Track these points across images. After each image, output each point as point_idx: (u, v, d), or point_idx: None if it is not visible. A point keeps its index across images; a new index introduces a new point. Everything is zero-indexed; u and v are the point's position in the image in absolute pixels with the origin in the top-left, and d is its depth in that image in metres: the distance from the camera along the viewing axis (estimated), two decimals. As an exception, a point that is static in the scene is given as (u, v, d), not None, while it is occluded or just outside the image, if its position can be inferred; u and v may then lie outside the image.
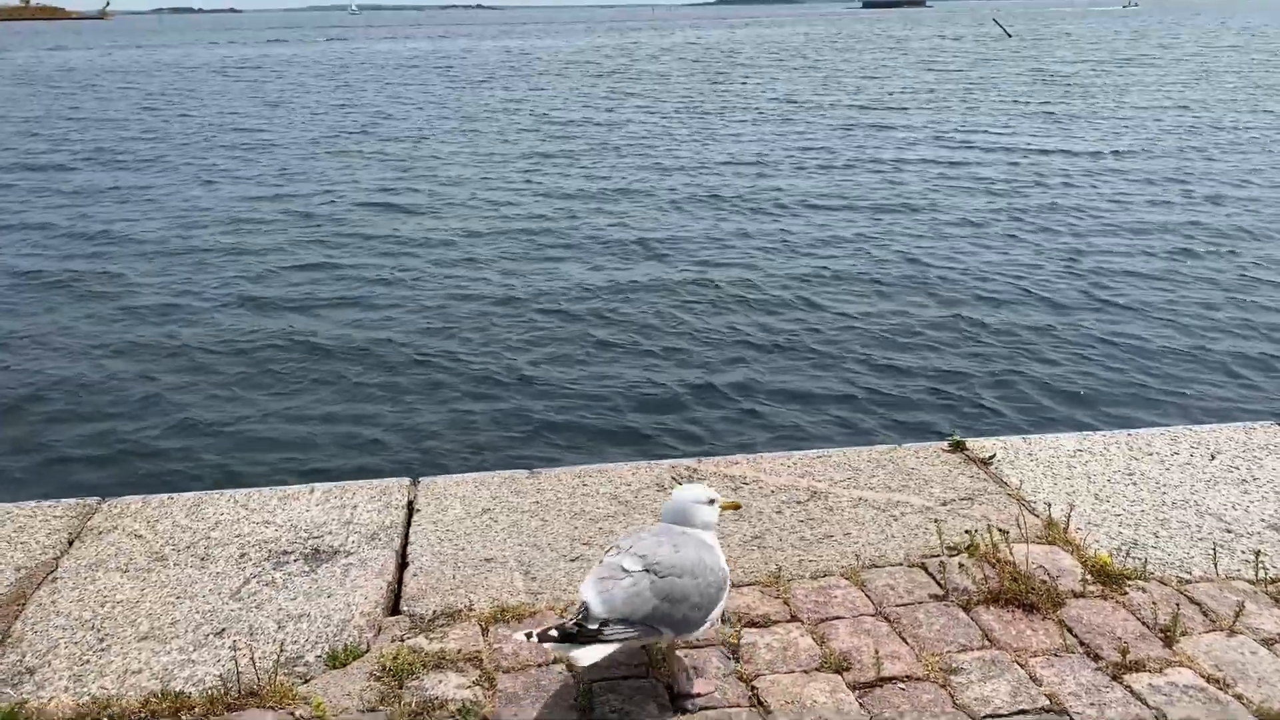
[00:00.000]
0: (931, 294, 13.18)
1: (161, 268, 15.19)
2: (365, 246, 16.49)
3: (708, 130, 31.80)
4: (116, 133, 33.40)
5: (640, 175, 23.07)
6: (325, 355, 11.26)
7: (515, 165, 25.31)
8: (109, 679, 3.88)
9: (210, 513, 5.17)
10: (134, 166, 26.37)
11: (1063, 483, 5.34)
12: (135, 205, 20.36)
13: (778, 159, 25.13)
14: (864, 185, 21.21)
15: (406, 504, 5.24)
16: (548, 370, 10.67)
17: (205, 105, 43.31)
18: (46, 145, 31.53)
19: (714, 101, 41.20)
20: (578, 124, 34.94)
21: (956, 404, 9.57)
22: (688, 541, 3.65)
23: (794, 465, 5.62)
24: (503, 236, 17.15)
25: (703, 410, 9.43)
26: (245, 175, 24.13)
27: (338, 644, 4.06)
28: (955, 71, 54.73)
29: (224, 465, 8.62)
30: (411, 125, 34.36)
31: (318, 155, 26.88)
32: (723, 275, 14.16)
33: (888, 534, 4.86)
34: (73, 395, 10.31)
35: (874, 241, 15.99)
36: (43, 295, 13.94)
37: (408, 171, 24.28)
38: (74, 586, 4.50)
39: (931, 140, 27.83)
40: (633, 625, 3.44)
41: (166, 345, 11.72)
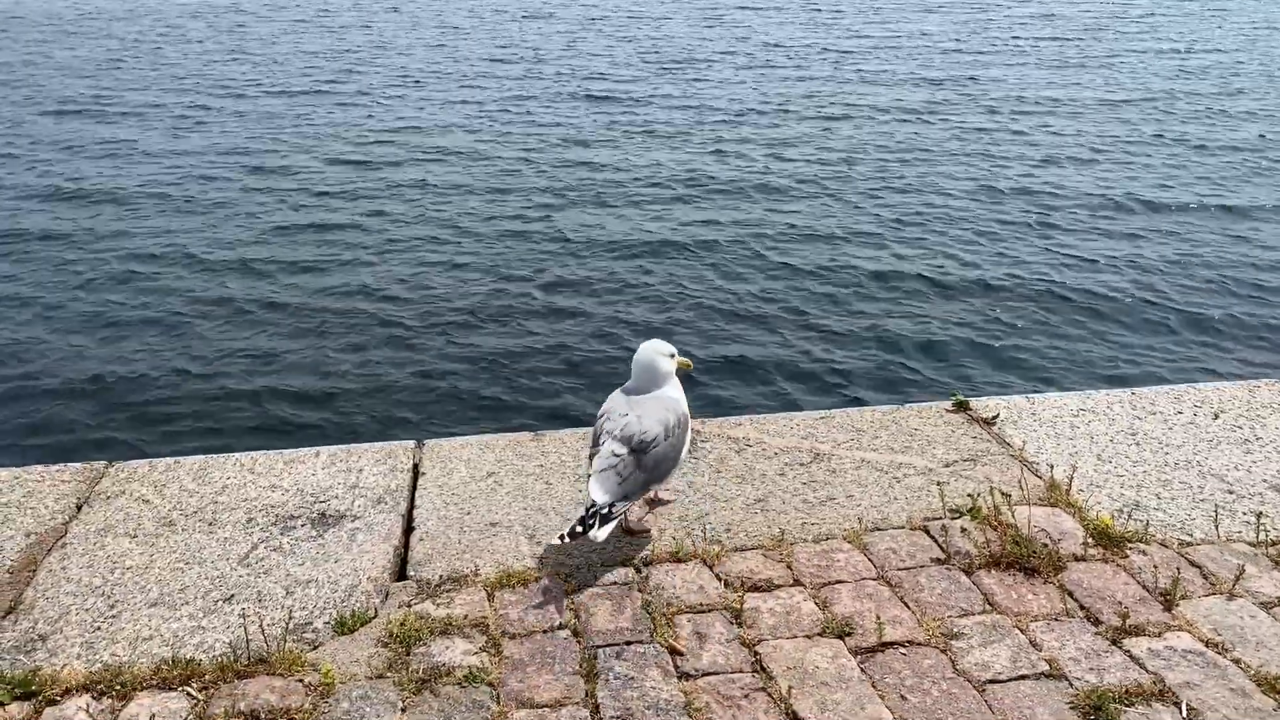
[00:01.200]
0: (937, 254, 13.05)
1: (161, 228, 15.03)
2: (370, 205, 16.27)
3: (702, 80, 31.09)
4: (98, 84, 32.82)
5: (628, 134, 22.33)
6: (331, 318, 11.19)
7: (517, 125, 24.78)
8: (120, 646, 3.94)
9: (217, 477, 5.20)
10: (122, 119, 25.90)
11: (1065, 443, 5.35)
12: (126, 162, 20.02)
13: (772, 111, 24.47)
14: (864, 141, 20.81)
15: (412, 467, 5.27)
16: (553, 332, 10.63)
17: (187, 56, 42.76)
18: (21, 97, 31.20)
19: (700, 50, 40.45)
20: (568, 77, 34.31)
21: (962, 364, 9.56)
22: (654, 408, 4.46)
23: (797, 427, 5.63)
24: (509, 195, 16.95)
25: (706, 374, 9.39)
26: (241, 129, 23.65)
27: (345, 610, 4.11)
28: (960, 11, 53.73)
29: (229, 429, 8.66)
30: (405, 75, 33.73)
31: (316, 108, 26.38)
32: (723, 239, 13.96)
33: (890, 496, 4.89)
34: (75, 360, 10.29)
35: (875, 200, 15.77)
36: (39, 259, 13.79)
37: (409, 128, 23.83)
38: (84, 552, 4.55)
39: (930, 90, 27.22)
40: (629, 496, 4.29)
41: (170, 309, 11.63)
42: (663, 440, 4.37)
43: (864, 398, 8.78)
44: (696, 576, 4.26)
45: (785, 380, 9.29)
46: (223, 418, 8.87)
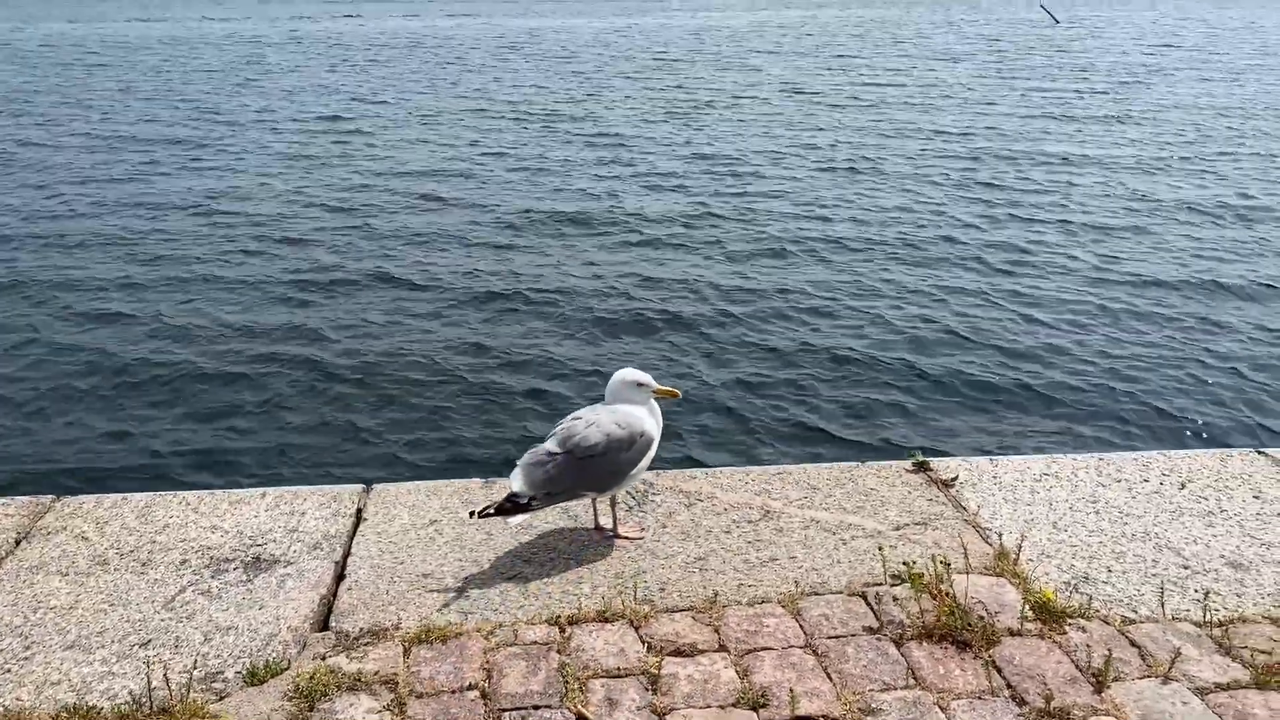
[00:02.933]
0: (909, 306, 12.86)
1: (122, 268, 14.91)
2: (333, 247, 15.94)
3: (696, 123, 30.89)
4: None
5: (600, 180, 21.95)
6: (296, 360, 11.07)
7: (473, 160, 24.38)
8: (26, 690, 3.89)
9: (160, 515, 5.18)
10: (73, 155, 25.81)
11: (1022, 509, 5.22)
12: (78, 201, 19.98)
13: (760, 160, 24.07)
14: (849, 191, 20.46)
15: (355, 512, 5.22)
16: (519, 380, 10.54)
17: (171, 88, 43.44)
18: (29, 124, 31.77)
19: (706, 91, 40.49)
20: (550, 113, 34.37)
21: (928, 421, 9.36)
22: (606, 420, 4.68)
23: (752, 482, 5.53)
24: (478, 238, 16.79)
25: (667, 424, 9.23)
26: (207, 166, 23.31)
27: (260, 660, 4.05)
28: (982, 63, 53.66)
29: (187, 466, 8.60)
30: (388, 111, 33.84)
31: (273, 148, 25.95)
32: (693, 288, 13.75)
33: (834, 559, 4.78)
34: (37, 393, 10.29)
35: (852, 250, 15.41)
36: (9, 296, 13.80)
37: (370, 168, 23.60)
38: (11, 590, 4.52)
39: (933, 140, 26.84)
40: (554, 495, 4.63)
41: (136, 347, 11.45)
42: (602, 450, 4.61)
43: (828, 452, 8.63)
44: (620, 638, 4.16)
45: (748, 431, 9.13)
46: (180, 455, 8.82)
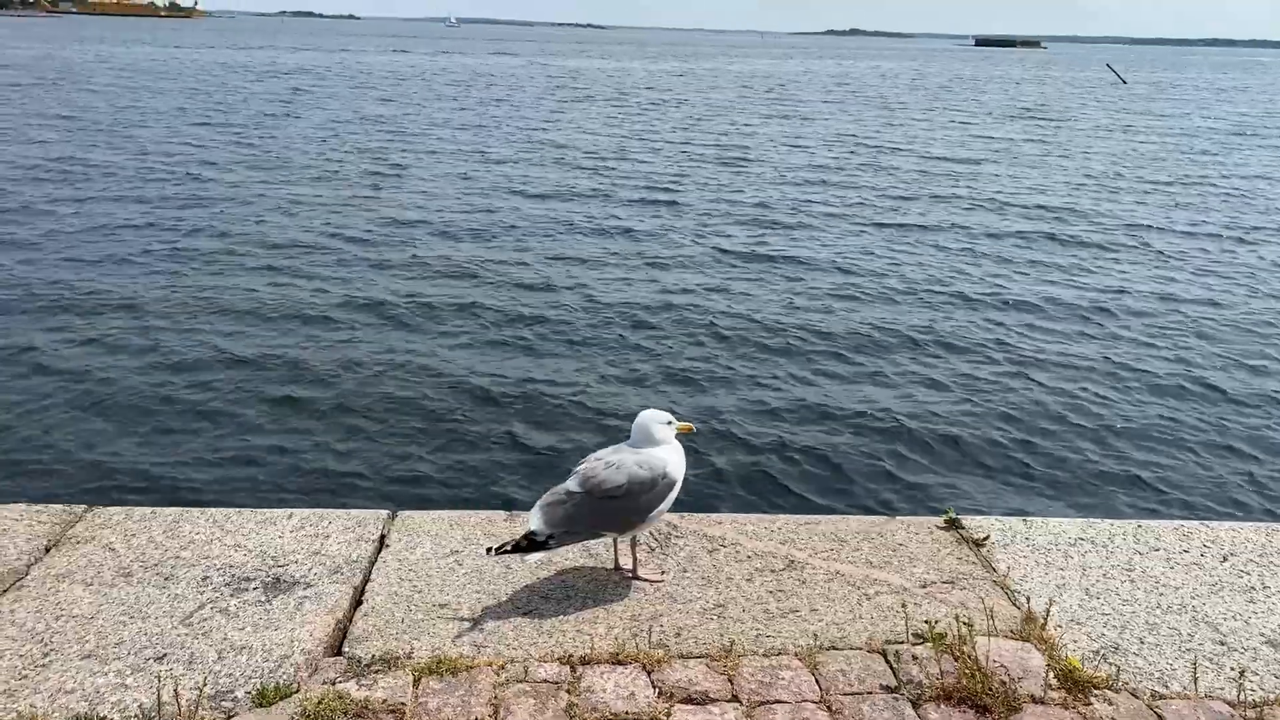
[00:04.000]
0: (951, 361, 12.74)
1: (177, 285, 15.36)
2: (375, 276, 16.33)
3: (739, 169, 31.04)
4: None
5: (641, 220, 22.12)
6: (334, 384, 11.34)
7: (514, 200, 24.67)
8: (41, 696, 3.92)
9: (187, 531, 5.22)
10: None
11: (1054, 573, 5.09)
12: (144, 218, 20.49)
13: (802, 208, 24.01)
14: (893, 242, 20.43)
15: (378, 538, 5.23)
16: (552, 416, 10.61)
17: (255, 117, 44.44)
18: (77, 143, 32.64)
19: (758, 137, 40.68)
20: (594, 154, 34.60)
21: (963, 478, 9.22)
22: (629, 461, 4.64)
23: (777, 530, 5.46)
24: (516, 271, 17.00)
25: (695, 465, 9.23)
26: (252, 192, 23.87)
27: (270, 681, 4.05)
28: (1043, 121, 53.28)
29: (219, 483, 8.75)
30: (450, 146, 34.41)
31: (315, 178, 26.55)
32: (734, 327, 13.84)
33: (856, 614, 4.68)
34: (83, 405, 10.56)
35: (900, 304, 15.49)
36: (61, 308, 14.16)
37: (433, 201, 24.12)
38: (36, 596, 4.58)
39: (980, 196, 26.74)
40: (573, 534, 4.60)
41: (189, 360, 11.90)
42: (623, 492, 4.57)
43: (860, 504, 8.51)
44: (631, 682, 4.10)
45: (778, 478, 9.06)
46: (219, 470, 8.98)
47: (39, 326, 13.22)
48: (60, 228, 19.29)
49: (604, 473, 4.65)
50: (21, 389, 10.92)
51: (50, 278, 15.65)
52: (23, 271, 15.96)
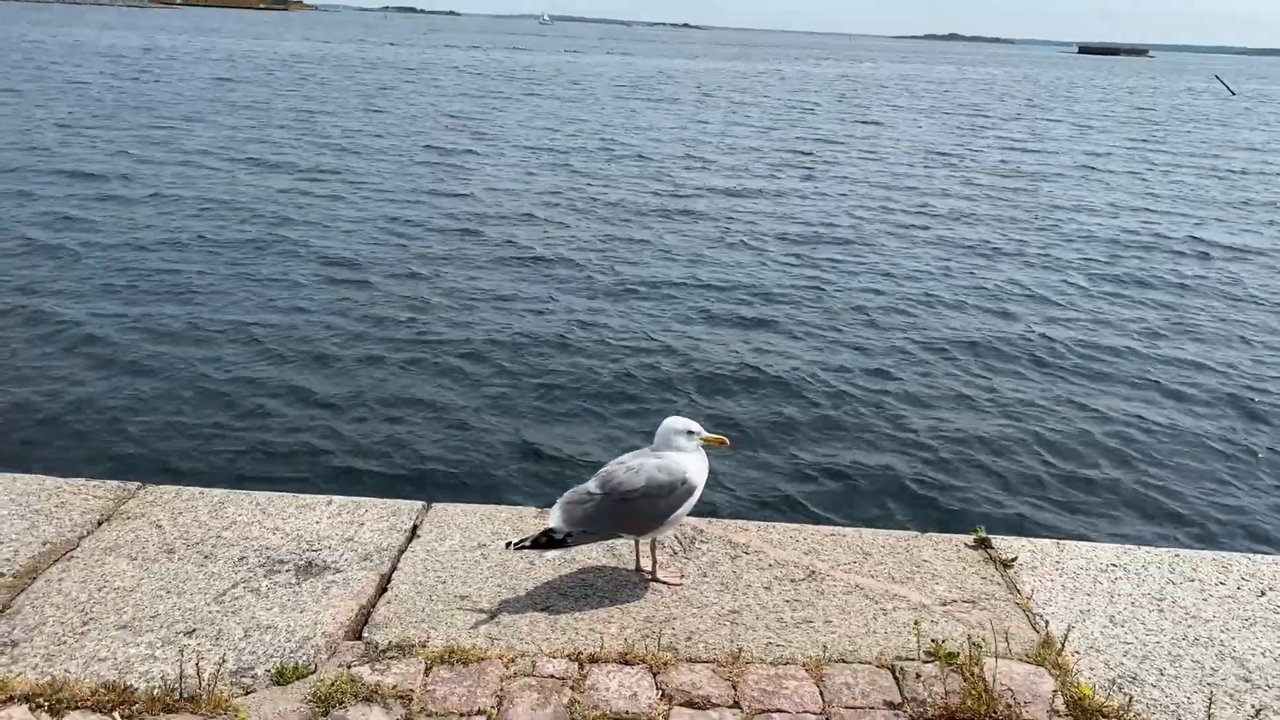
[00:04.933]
0: (992, 379, 12.48)
1: (249, 271, 15.89)
2: (430, 274, 16.69)
3: (809, 177, 30.54)
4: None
5: (692, 224, 22.10)
6: (385, 375, 11.70)
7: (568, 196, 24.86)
8: (76, 662, 4.15)
9: (231, 512, 5.45)
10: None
11: (1080, 598, 5.02)
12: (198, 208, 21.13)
13: (863, 218, 23.69)
14: (951, 256, 20.04)
15: (411, 528, 5.39)
16: (601, 413, 10.76)
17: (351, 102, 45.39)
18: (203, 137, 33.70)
19: (830, 142, 40.19)
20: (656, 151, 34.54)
21: (999, 497, 9.06)
22: (649, 465, 4.71)
23: (803, 540, 5.48)
24: (567, 270, 17.16)
25: (729, 473, 9.29)
26: (312, 188, 24.36)
27: (290, 661, 4.22)
28: (1147, 133, 51.63)
29: (270, 466, 9.07)
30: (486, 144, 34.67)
31: (379, 174, 26.79)
32: (780, 336, 13.79)
33: (871, 628, 4.68)
34: (147, 387, 11.09)
35: (948, 319, 15.22)
36: (134, 293, 14.80)
37: (489, 196, 24.43)
38: (84, 567, 4.83)
39: (1049, 212, 25.84)
40: (591, 534, 4.72)
41: (251, 351, 12.38)
42: (640, 494, 4.65)
43: (891, 518, 8.42)
44: (636, 682, 4.18)
45: (811, 488, 9.02)
46: (272, 453, 9.33)
47: (118, 314, 13.84)
48: (131, 216, 20.06)
49: (623, 475, 4.74)
50: (97, 371, 11.48)
51: (123, 265, 16.35)
52: (98, 258, 16.69)
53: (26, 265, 16.12)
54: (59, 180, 23.96)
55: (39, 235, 18.03)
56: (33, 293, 14.57)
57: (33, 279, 15.29)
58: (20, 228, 18.60)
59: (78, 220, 19.67)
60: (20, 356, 11.88)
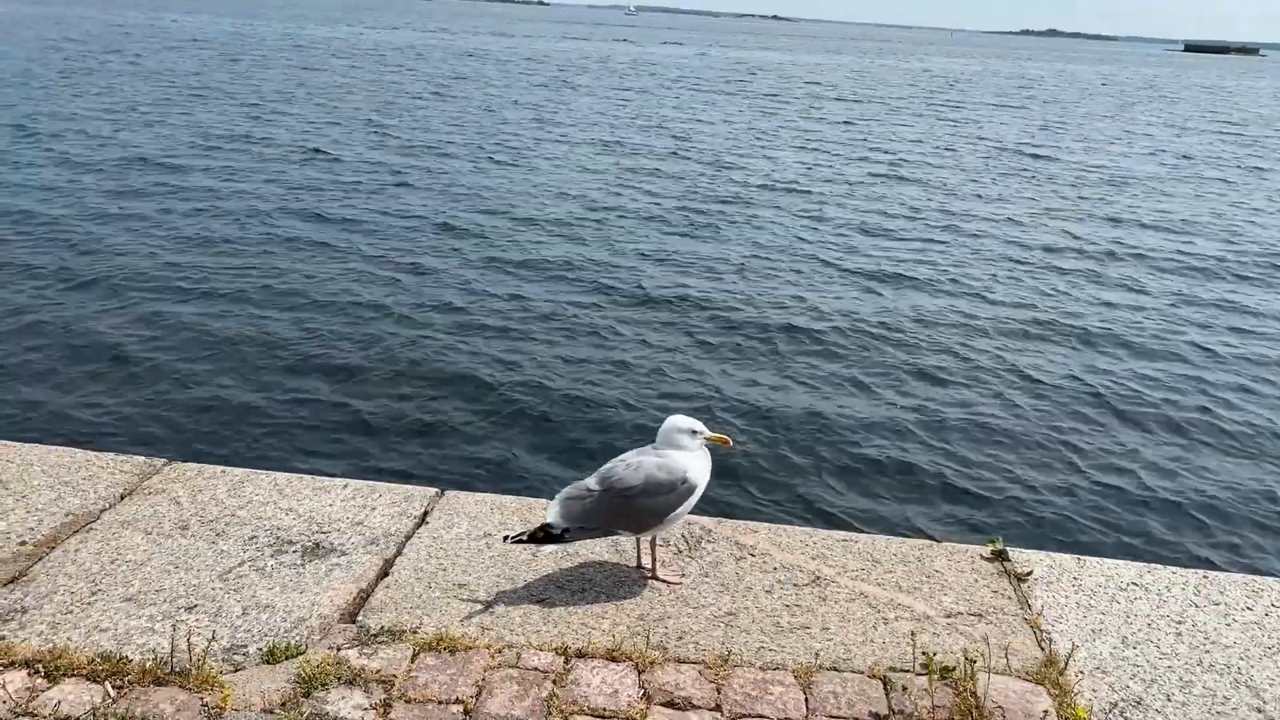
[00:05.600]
0: (1021, 387, 12.11)
1: (267, 263, 16.19)
2: (465, 267, 16.81)
3: (878, 176, 29.88)
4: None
5: (741, 220, 21.82)
6: (417, 362, 11.97)
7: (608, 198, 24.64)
8: (79, 631, 4.28)
9: (249, 491, 5.56)
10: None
11: (1094, 616, 4.86)
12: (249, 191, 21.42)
13: (921, 220, 23.14)
14: (1010, 263, 19.52)
15: (421, 514, 5.45)
16: (624, 409, 10.78)
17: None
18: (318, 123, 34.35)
19: (908, 139, 39.38)
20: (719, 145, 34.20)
21: (1023, 508, 8.77)
22: (649, 463, 4.69)
23: (812, 545, 5.40)
24: (600, 268, 17.10)
25: (744, 474, 9.20)
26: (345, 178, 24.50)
27: (282, 641, 4.29)
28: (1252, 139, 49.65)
29: (295, 447, 9.26)
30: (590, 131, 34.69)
31: (415, 169, 26.71)
32: (815, 338, 13.60)
33: (868, 637, 4.59)
34: (197, 363, 11.50)
35: (981, 328, 14.80)
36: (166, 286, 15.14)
37: (537, 187, 24.42)
38: (100, 539, 4.98)
39: (1111, 220, 24.81)
40: (588, 530, 4.68)
41: (285, 335, 12.70)
42: (639, 491, 4.63)
43: (909, 525, 8.23)
44: (619, 680, 4.16)
45: (830, 493, 8.86)
46: (301, 435, 9.53)
47: (172, 290, 14.37)
48: (174, 205, 20.61)
49: (622, 472, 4.72)
50: (140, 349, 11.89)
51: (184, 246, 16.87)
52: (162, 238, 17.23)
53: (87, 246, 16.65)
54: (137, 165, 24.82)
55: (105, 228, 18.38)
56: (92, 271, 15.10)
57: (95, 258, 15.83)
58: (91, 208, 19.28)
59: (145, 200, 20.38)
60: (75, 331, 12.40)
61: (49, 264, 15.34)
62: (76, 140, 26.91)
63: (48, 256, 15.75)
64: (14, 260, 15.42)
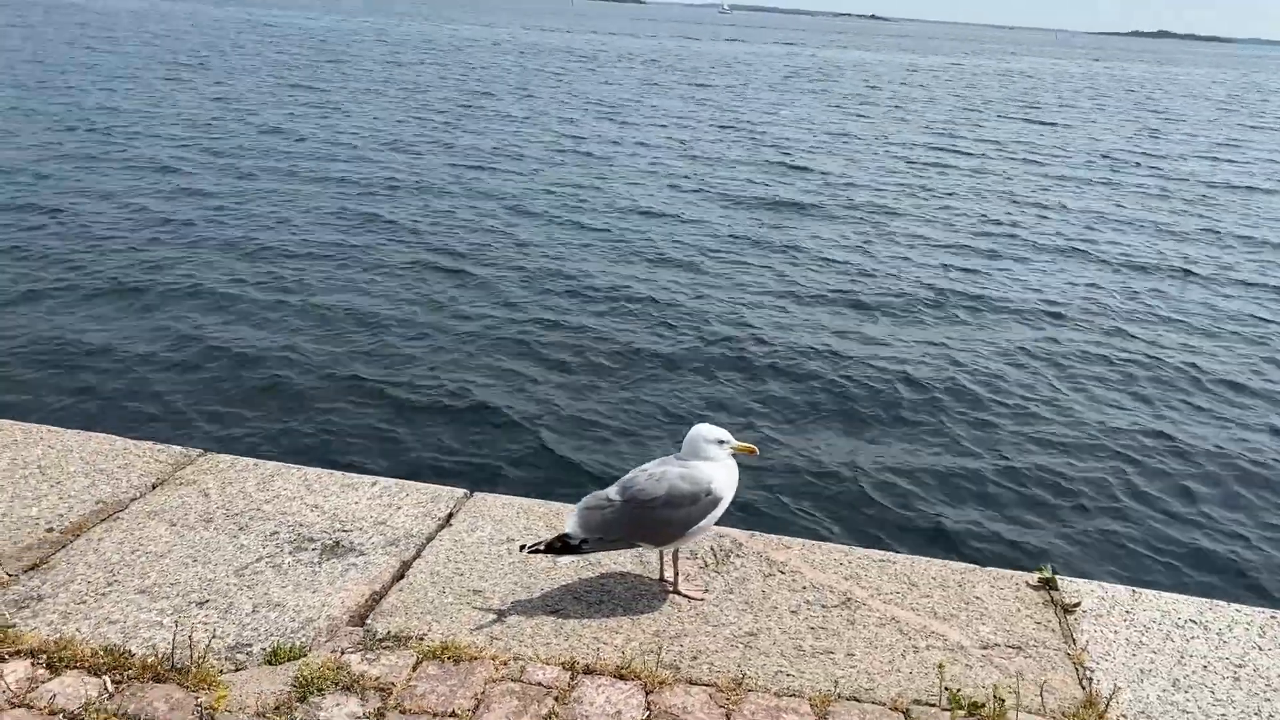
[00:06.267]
0: (1081, 410, 11.50)
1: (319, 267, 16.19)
2: (508, 265, 16.76)
3: (948, 183, 28.79)
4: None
5: (799, 227, 21.20)
6: (465, 361, 11.95)
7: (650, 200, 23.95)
8: (89, 623, 4.27)
9: (278, 485, 5.54)
10: None
11: (1144, 655, 4.53)
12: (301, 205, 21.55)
13: (985, 229, 22.27)
14: (1084, 272, 18.78)
15: (446, 516, 5.35)
16: (670, 413, 10.62)
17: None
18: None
19: (984, 143, 38.19)
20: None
21: (1081, 535, 8.27)
22: (672, 474, 4.51)
23: (847, 563, 5.16)
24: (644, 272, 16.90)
25: (785, 487, 8.93)
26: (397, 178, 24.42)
27: (287, 642, 4.22)
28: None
29: (333, 444, 9.27)
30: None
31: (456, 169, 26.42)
32: (868, 354, 13.17)
33: (895, 666, 4.35)
34: (242, 356, 11.71)
35: (1042, 341, 14.18)
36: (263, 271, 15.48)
37: (604, 185, 24.23)
38: (125, 529, 4.99)
39: (1183, 233, 23.49)
40: (608, 541, 4.52)
41: (332, 332, 12.80)
42: (661, 503, 4.46)
43: (955, 548, 7.84)
44: (625, 700, 4.00)
45: (877, 509, 8.48)
46: (339, 431, 9.56)
47: (232, 284, 14.64)
48: (249, 192, 21.00)
49: (644, 482, 4.55)
50: (185, 342, 12.15)
51: (239, 245, 17.16)
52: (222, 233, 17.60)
53: (148, 239, 17.03)
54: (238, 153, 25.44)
55: (179, 219, 18.75)
56: (151, 264, 15.46)
57: (154, 252, 16.18)
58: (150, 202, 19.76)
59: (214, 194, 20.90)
60: (139, 322, 12.75)
61: (128, 259, 15.74)
62: (147, 140, 27.55)
63: (124, 250, 16.15)
64: (95, 250, 15.90)
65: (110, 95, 35.30)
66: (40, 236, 16.40)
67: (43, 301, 13.36)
